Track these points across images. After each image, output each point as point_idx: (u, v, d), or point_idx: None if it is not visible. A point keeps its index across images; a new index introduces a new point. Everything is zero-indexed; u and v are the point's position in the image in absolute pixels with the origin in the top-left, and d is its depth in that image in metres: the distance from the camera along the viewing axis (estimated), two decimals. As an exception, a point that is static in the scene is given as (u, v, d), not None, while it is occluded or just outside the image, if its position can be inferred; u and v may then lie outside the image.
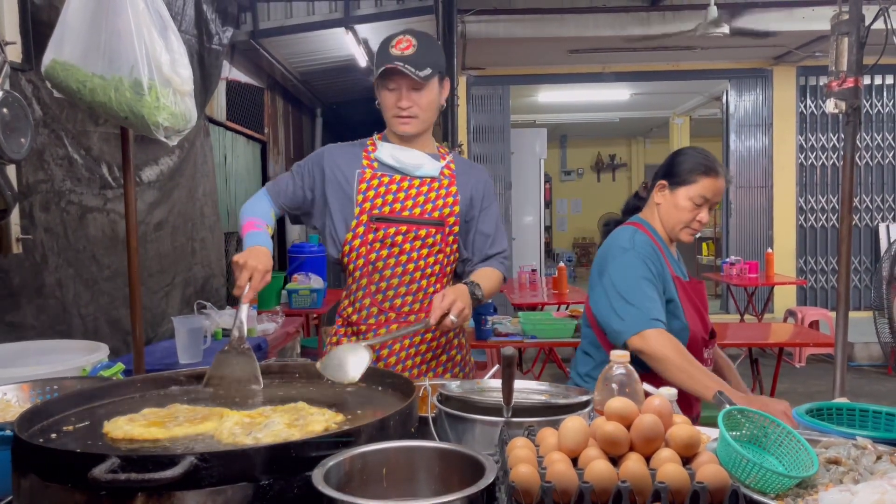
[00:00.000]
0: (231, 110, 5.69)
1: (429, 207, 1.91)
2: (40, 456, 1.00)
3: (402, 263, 1.91)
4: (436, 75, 1.87)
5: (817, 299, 7.76)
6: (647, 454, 0.99)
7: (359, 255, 1.92)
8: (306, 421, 1.19)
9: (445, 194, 1.94)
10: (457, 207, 1.94)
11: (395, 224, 1.89)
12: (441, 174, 1.96)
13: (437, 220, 1.92)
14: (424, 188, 1.93)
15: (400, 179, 1.93)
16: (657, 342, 1.82)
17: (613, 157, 15.36)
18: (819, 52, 6.92)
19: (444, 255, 1.94)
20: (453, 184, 1.96)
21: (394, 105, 1.88)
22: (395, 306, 1.93)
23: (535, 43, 6.51)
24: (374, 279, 1.93)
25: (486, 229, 2.00)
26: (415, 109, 1.87)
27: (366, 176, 1.93)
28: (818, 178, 7.74)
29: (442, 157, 2.01)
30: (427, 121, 1.92)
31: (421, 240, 1.90)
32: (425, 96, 1.87)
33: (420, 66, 1.81)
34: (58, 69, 1.77)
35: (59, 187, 2.97)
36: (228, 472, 0.95)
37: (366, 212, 1.90)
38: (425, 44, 1.85)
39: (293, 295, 5.08)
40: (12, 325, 2.66)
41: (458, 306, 1.68)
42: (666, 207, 2.07)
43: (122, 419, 1.18)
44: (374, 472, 1.04)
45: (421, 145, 1.97)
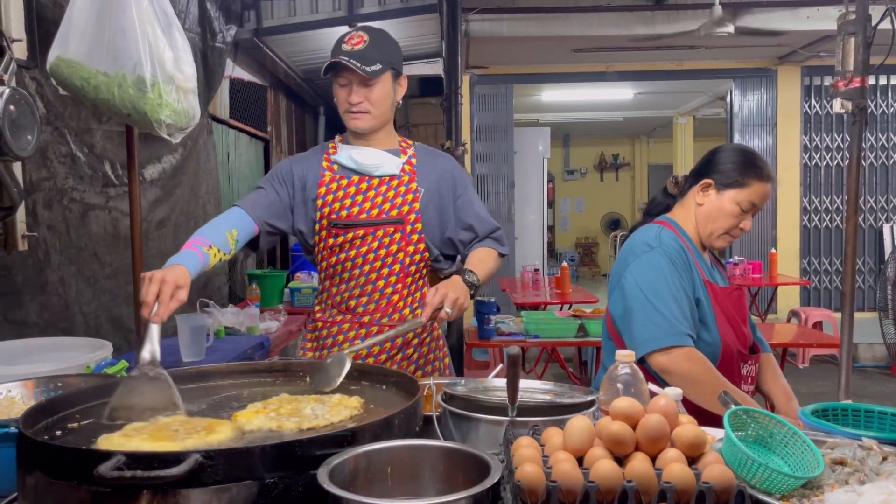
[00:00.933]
0: (234, 108, 5.69)
1: (387, 207, 1.90)
2: (46, 453, 1.00)
3: (359, 265, 1.91)
4: (387, 71, 1.86)
5: (821, 300, 7.74)
6: (653, 454, 0.99)
7: (322, 258, 1.95)
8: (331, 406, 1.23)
9: (405, 191, 1.93)
10: (416, 204, 1.92)
11: (352, 228, 1.89)
12: (402, 171, 1.95)
13: (395, 218, 1.91)
14: (383, 188, 1.92)
15: (359, 181, 1.92)
16: (686, 363, 1.65)
17: (617, 157, 15.34)
18: (824, 52, 6.90)
19: (405, 254, 1.92)
20: (413, 180, 1.95)
21: (345, 100, 1.87)
22: (351, 308, 1.95)
23: (538, 42, 6.50)
24: (335, 282, 1.96)
25: (468, 218, 1.98)
26: (365, 105, 1.86)
27: (325, 180, 1.93)
28: (822, 178, 7.72)
29: (403, 151, 1.99)
30: (380, 116, 1.90)
31: (378, 240, 1.90)
32: (376, 91, 1.86)
33: (368, 61, 1.80)
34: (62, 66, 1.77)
35: (62, 185, 2.97)
36: (233, 470, 0.95)
37: (325, 216, 1.90)
38: (377, 39, 1.85)
39: (295, 293, 5.08)
40: (15, 323, 2.67)
41: (450, 297, 1.66)
42: (708, 210, 1.86)
43: (114, 436, 1.13)
44: (379, 470, 1.04)
45: (380, 142, 1.96)
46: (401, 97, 1.96)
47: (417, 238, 1.93)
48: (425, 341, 2.03)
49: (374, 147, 1.95)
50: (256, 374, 1.57)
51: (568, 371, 5.56)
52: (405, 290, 1.95)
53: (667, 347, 1.66)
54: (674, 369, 1.66)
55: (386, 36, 1.90)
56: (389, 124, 1.98)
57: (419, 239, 1.93)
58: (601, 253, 15.04)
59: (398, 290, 1.94)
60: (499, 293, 6.46)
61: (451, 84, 5.25)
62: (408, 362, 1.99)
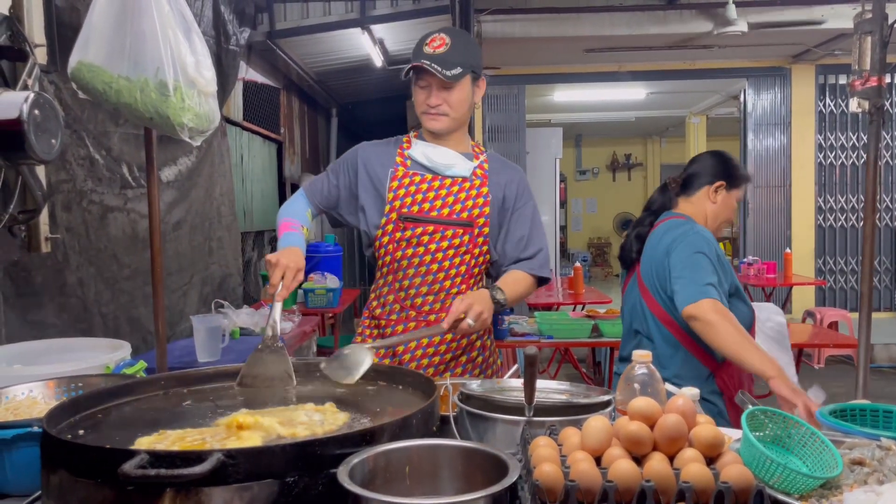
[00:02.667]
0: (248, 110, 5.72)
1: (458, 208, 1.92)
2: (70, 452, 1.02)
3: (427, 263, 1.91)
4: (467, 74, 1.87)
5: (836, 300, 7.68)
6: (671, 454, 0.99)
7: (387, 251, 1.95)
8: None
9: (476, 195, 1.94)
10: (486, 208, 1.94)
11: (422, 224, 1.90)
12: (473, 174, 1.96)
13: (465, 220, 1.92)
14: (455, 188, 1.94)
15: (431, 179, 1.94)
16: (709, 308, 1.82)
17: (629, 157, 15.28)
18: (839, 51, 6.85)
19: (471, 256, 1.94)
20: (485, 184, 1.96)
21: (423, 102, 1.90)
22: (416, 305, 1.94)
23: (550, 42, 6.50)
24: (399, 276, 1.95)
25: (518, 232, 1.98)
26: (444, 107, 1.88)
27: (398, 174, 1.94)
28: (837, 177, 7.66)
29: (476, 156, 2.01)
30: (457, 119, 1.93)
31: (448, 240, 1.91)
32: (455, 95, 1.88)
33: (449, 65, 1.82)
34: (84, 71, 1.80)
35: (81, 187, 3.00)
36: (255, 469, 0.96)
37: (395, 210, 1.92)
38: (459, 42, 1.87)
39: (309, 294, 5.10)
40: (35, 324, 2.70)
41: (475, 310, 1.68)
42: (720, 207, 2.16)
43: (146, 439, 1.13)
44: (398, 469, 1.05)
45: (454, 143, 1.97)
46: (479, 98, 1.98)
47: (482, 241, 1.95)
48: (487, 345, 2.06)
49: (448, 147, 1.96)
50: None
51: (581, 372, 5.55)
52: (469, 290, 1.96)
53: (696, 300, 1.85)
54: (698, 315, 1.84)
55: (467, 38, 1.92)
56: (465, 126, 2.00)
57: (484, 242, 1.95)
58: (614, 253, 14.98)
59: (462, 291, 1.95)
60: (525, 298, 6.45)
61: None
62: (472, 365, 2.01)
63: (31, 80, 1.65)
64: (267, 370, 1.47)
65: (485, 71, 1.85)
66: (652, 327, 2.09)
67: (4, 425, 1.29)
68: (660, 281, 2.05)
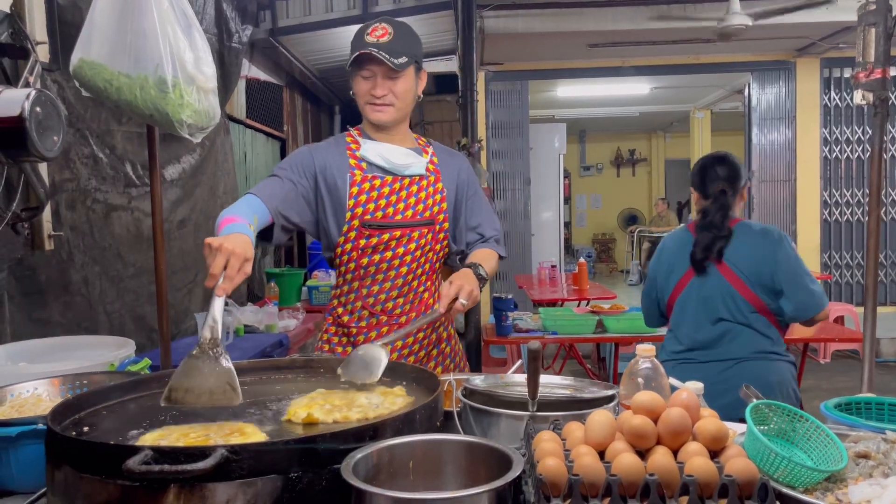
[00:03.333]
0: (251, 108, 5.72)
1: (420, 208, 1.90)
2: (74, 448, 1.02)
3: (395, 267, 1.89)
4: (412, 64, 1.85)
5: (842, 294, 7.65)
6: (675, 448, 0.99)
7: (350, 258, 1.89)
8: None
9: (434, 192, 1.93)
10: (444, 204, 1.94)
11: (388, 230, 1.87)
12: (427, 170, 1.94)
13: (427, 219, 1.91)
14: (414, 188, 1.90)
15: (392, 181, 1.89)
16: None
17: (633, 152, 15.25)
18: (843, 44, 6.81)
19: (433, 252, 1.94)
20: (439, 179, 1.96)
21: (367, 92, 1.84)
22: (387, 309, 1.92)
23: (554, 37, 6.47)
24: (366, 283, 1.91)
25: (475, 219, 2.01)
26: (390, 97, 1.84)
27: (356, 178, 1.87)
28: (843, 171, 7.62)
29: (423, 150, 1.99)
30: (403, 110, 1.89)
31: (414, 241, 1.89)
32: (400, 84, 1.84)
33: (395, 53, 1.79)
34: (85, 68, 1.80)
35: (85, 186, 3.01)
36: (258, 465, 0.96)
37: (357, 217, 1.85)
38: (402, 32, 1.83)
39: (313, 291, 5.11)
40: (39, 322, 2.71)
41: (465, 289, 1.67)
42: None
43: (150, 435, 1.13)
44: (402, 465, 1.05)
45: (401, 138, 1.95)
46: (421, 91, 1.95)
47: (444, 237, 1.95)
48: (452, 334, 2.07)
49: (395, 142, 1.93)
50: (278, 370, 1.59)
51: (586, 367, 5.55)
52: (433, 287, 1.97)
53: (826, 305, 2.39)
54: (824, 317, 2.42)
55: (409, 29, 1.89)
56: (407, 119, 1.98)
57: (445, 237, 1.95)
58: (618, 249, 14.96)
59: (429, 288, 1.95)
60: (516, 290, 6.45)
61: (466, 81, 5.24)
62: (442, 357, 2.02)
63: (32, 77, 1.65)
64: (204, 381, 1.23)
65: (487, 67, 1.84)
66: (748, 314, 2.40)
67: (9, 423, 1.30)
68: (763, 277, 2.37)
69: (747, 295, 2.38)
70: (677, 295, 2.52)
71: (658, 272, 2.60)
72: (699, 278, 2.45)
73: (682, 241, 2.54)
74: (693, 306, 2.47)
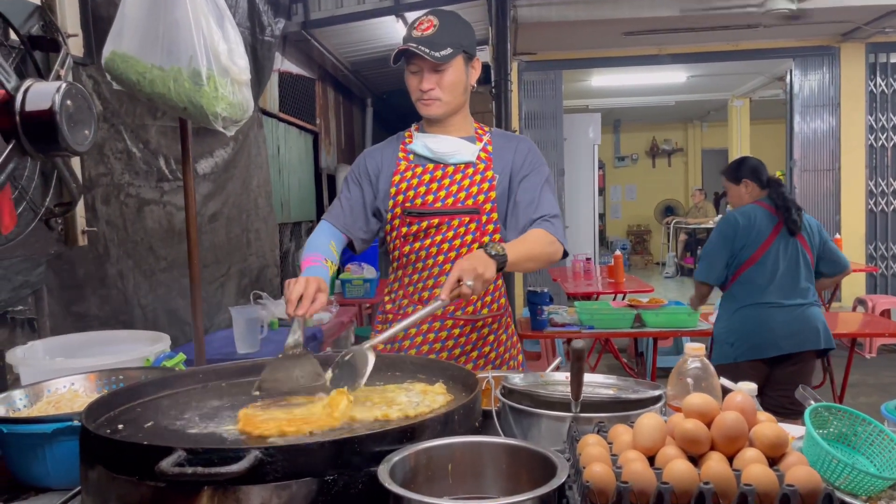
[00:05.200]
0: (283, 102, 5.73)
1: (462, 196, 1.84)
2: (107, 448, 1.00)
3: (433, 255, 1.85)
4: (458, 54, 1.80)
5: (888, 287, 7.41)
6: (730, 454, 0.93)
7: (395, 247, 1.90)
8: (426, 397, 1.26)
9: (480, 180, 1.86)
10: (493, 193, 1.86)
11: (427, 217, 1.84)
12: (478, 158, 1.88)
13: (471, 208, 1.84)
14: (458, 175, 1.86)
15: (433, 168, 1.87)
16: None
17: (669, 142, 14.98)
18: (889, 28, 6.58)
19: (478, 244, 1.85)
20: (489, 167, 1.88)
21: (416, 88, 1.83)
22: (423, 300, 1.88)
23: (588, 26, 6.36)
24: (408, 272, 1.90)
25: (527, 196, 1.84)
26: (436, 92, 1.81)
27: (400, 168, 1.89)
28: (889, 160, 7.37)
29: (479, 138, 1.93)
30: (452, 102, 1.84)
31: (454, 230, 1.84)
32: (447, 77, 1.80)
33: (438, 46, 1.75)
34: (117, 61, 1.78)
35: (119, 180, 3.03)
36: (293, 467, 0.93)
37: (399, 204, 1.86)
38: (447, 23, 1.79)
39: (346, 285, 5.11)
40: (78, 315, 2.74)
41: (468, 270, 1.49)
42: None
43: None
44: (440, 467, 1.01)
45: (456, 129, 1.90)
46: (475, 80, 1.90)
47: (493, 228, 1.87)
48: (502, 340, 1.98)
49: (450, 134, 1.90)
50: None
51: (622, 362, 5.45)
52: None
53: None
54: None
55: (456, 18, 1.85)
56: (465, 110, 1.92)
57: (494, 229, 1.87)
58: (654, 241, 14.73)
59: None
60: (550, 283, 6.37)
61: (500, 71, 5.18)
62: (484, 361, 1.94)
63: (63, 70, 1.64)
64: (290, 374, 1.39)
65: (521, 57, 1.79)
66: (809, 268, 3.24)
67: (45, 419, 1.29)
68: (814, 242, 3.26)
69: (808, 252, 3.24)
70: (759, 255, 3.20)
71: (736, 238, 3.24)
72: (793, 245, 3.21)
73: (760, 214, 3.24)
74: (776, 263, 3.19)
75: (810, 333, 3.15)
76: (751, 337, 3.15)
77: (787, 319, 3.14)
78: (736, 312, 3.22)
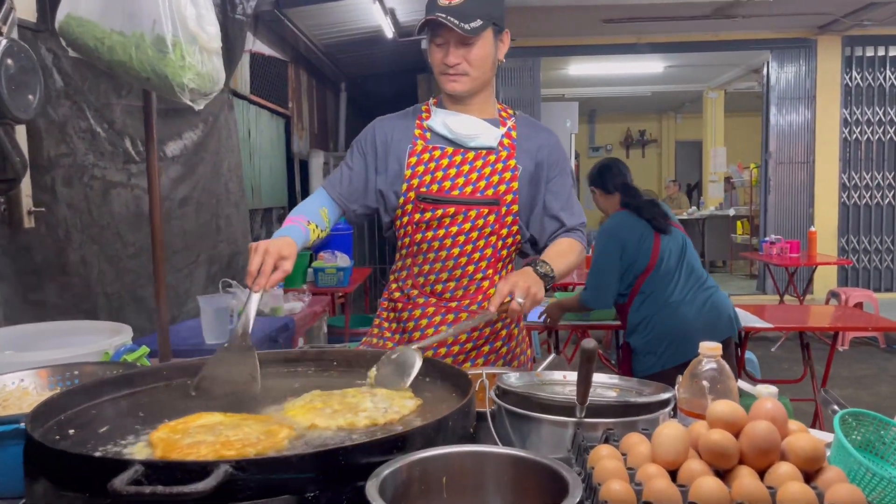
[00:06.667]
0: (255, 84, 5.55)
1: (482, 185, 1.72)
2: (52, 459, 0.88)
3: (447, 247, 1.74)
4: (488, 27, 1.66)
5: (859, 279, 7.47)
6: (761, 468, 0.84)
7: (405, 233, 1.78)
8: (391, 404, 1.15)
9: (502, 168, 1.74)
10: (514, 184, 1.74)
11: (442, 205, 1.72)
12: (500, 144, 1.76)
13: (490, 198, 1.72)
14: (479, 162, 1.74)
15: (452, 153, 1.74)
16: None
17: (643, 133, 15.00)
18: (868, 21, 6.59)
19: (497, 238, 1.75)
20: (512, 156, 1.75)
21: (441, 62, 1.69)
22: (436, 292, 1.77)
23: (568, 11, 6.27)
24: (419, 261, 1.79)
25: (555, 206, 1.78)
26: (463, 66, 1.67)
27: (416, 149, 1.76)
28: (863, 153, 7.42)
29: (502, 122, 1.79)
30: (479, 78, 1.71)
31: (471, 222, 1.72)
32: (475, 51, 1.66)
33: (467, 17, 1.61)
34: (73, 25, 1.61)
35: (82, 161, 2.85)
36: (269, 483, 0.82)
37: (413, 189, 1.73)
38: None
39: (319, 273, 4.97)
40: (35, 304, 2.57)
41: (521, 286, 1.50)
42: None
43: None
44: (434, 480, 0.90)
45: (479, 108, 1.77)
46: (503, 55, 1.76)
47: (512, 220, 1.75)
48: (514, 335, 1.87)
49: (472, 113, 1.76)
50: (287, 363, 1.45)
51: (599, 354, 5.39)
52: (496, 275, 1.78)
53: None
54: None
55: None
56: (489, 88, 1.79)
57: (513, 221, 1.75)
58: (627, 232, 14.75)
59: (489, 276, 1.76)
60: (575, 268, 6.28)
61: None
62: (496, 356, 1.83)
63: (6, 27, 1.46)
64: (229, 372, 1.28)
65: None
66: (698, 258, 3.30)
67: (-13, 422, 1.16)
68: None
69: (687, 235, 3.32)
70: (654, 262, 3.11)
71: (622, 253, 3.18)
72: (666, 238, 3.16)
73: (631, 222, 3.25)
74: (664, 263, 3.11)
75: (724, 322, 3.09)
76: (672, 342, 3.02)
77: (699, 313, 3.05)
78: (650, 321, 3.09)
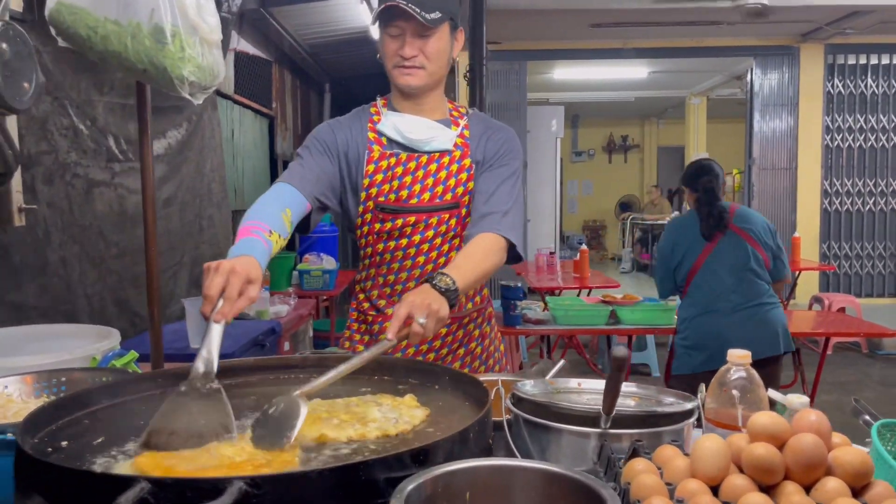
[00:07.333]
0: (239, 83, 5.45)
1: (440, 190, 1.66)
2: (48, 475, 0.81)
3: (412, 256, 1.68)
4: (446, 21, 1.60)
5: (840, 285, 7.54)
6: (807, 484, 0.79)
7: (367, 243, 1.71)
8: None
9: (458, 170, 1.67)
10: (471, 184, 1.67)
11: (402, 215, 1.65)
12: (454, 145, 1.69)
13: (450, 203, 1.67)
14: (433, 166, 1.66)
15: (406, 159, 1.66)
16: None
17: (626, 138, 15.08)
18: (850, 29, 6.66)
19: (460, 239, 1.69)
20: (466, 155, 1.69)
21: (395, 53, 1.61)
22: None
23: (556, 15, 6.25)
24: (382, 271, 1.73)
25: (484, 187, 1.64)
26: (420, 59, 1.60)
27: (373, 155, 1.67)
28: (844, 160, 7.50)
29: (455, 122, 1.72)
30: (435, 73, 1.64)
31: (433, 228, 1.67)
32: (433, 44, 1.60)
33: (427, 7, 1.54)
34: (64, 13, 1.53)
35: (64, 159, 2.76)
36: (286, 501, 0.76)
37: (372, 198, 1.66)
38: None
39: (304, 276, 4.90)
40: (13, 306, 2.48)
41: (420, 307, 1.28)
42: None
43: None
44: (457, 496, 0.85)
45: (431, 108, 1.70)
46: (457, 53, 1.71)
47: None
48: (486, 333, 1.82)
49: (424, 114, 1.69)
50: (287, 369, 1.38)
51: (586, 357, 5.38)
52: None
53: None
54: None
55: None
56: (442, 86, 1.73)
57: None
58: (609, 236, 14.82)
59: None
60: (513, 277, 6.25)
61: (475, 55, 5.08)
62: (471, 357, 1.79)
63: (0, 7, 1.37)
64: (191, 423, 1.00)
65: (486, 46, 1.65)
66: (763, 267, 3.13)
67: (-30, 433, 1.08)
68: (766, 241, 3.15)
69: (762, 253, 3.14)
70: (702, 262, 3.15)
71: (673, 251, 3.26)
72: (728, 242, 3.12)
73: (692, 221, 3.22)
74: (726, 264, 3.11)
75: (768, 339, 3.02)
76: (706, 348, 3.03)
77: (741, 326, 3.01)
78: (691, 322, 3.17)
